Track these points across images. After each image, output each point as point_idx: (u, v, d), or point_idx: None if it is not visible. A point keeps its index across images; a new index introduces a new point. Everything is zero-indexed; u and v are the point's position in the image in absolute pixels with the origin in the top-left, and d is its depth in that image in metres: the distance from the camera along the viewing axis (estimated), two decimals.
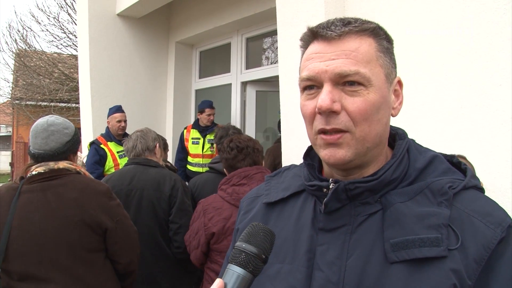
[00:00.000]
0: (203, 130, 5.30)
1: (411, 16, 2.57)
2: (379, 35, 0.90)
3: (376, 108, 0.86)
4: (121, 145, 4.87)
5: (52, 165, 2.18)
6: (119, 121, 4.93)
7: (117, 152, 4.83)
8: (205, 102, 5.36)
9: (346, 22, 0.88)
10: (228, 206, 2.48)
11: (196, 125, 5.39)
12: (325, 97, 0.85)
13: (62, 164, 2.20)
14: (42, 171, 2.16)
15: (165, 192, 3.04)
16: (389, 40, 0.93)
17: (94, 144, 4.79)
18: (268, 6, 4.60)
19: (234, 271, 0.80)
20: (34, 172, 2.17)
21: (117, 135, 4.92)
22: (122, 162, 4.70)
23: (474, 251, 0.79)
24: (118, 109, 5.01)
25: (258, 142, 2.80)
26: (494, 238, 0.80)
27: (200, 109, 5.34)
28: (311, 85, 0.89)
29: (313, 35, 0.91)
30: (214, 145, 5.18)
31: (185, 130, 5.50)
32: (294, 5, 3.08)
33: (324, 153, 0.89)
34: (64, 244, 2.09)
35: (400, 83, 0.95)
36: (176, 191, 3.07)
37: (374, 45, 0.88)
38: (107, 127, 5.02)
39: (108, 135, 4.92)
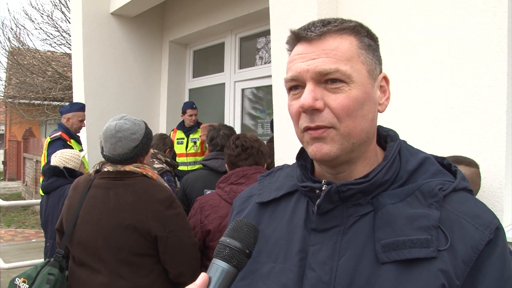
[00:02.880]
0: (187, 130, 5.46)
1: (403, 17, 2.59)
2: (360, 33, 0.92)
3: (360, 104, 0.88)
4: (81, 144, 4.83)
5: (119, 167, 2.27)
6: (81, 121, 4.78)
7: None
8: (186, 104, 5.52)
9: (326, 23, 0.90)
10: (225, 204, 2.49)
11: (181, 126, 5.54)
12: (307, 95, 0.87)
13: (128, 168, 2.27)
14: (111, 170, 2.28)
15: None
16: (372, 37, 0.95)
17: (61, 140, 4.49)
18: (262, 6, 4.61)
19: (219, 266, 0.81)
20: (105, 169, 2.29)
21: (77, 133, 4.79)
22: (85, 161, 4.57)
23: (462, 252, 0.81)
24: (82, 107, 4.83)
25: (264, 144, 2.79)
26: (482, 239, 0.81)
27: (182, 111, 5.49)
28: (296, 85, 0.92)
29: (296, 37, 0.93)
30: (197, 143, 5.39)
31: (171, 132, 5.63)
32: (287, 5, 3.09)
33: (311, 149, 0.90)
34: (112, 243, 2.16)
35: (386, 79, 0.96)
36: None
37: (355, 43, 0.90)
38: (61, 123, 4.73)
39: (68, 133, 4.63)
